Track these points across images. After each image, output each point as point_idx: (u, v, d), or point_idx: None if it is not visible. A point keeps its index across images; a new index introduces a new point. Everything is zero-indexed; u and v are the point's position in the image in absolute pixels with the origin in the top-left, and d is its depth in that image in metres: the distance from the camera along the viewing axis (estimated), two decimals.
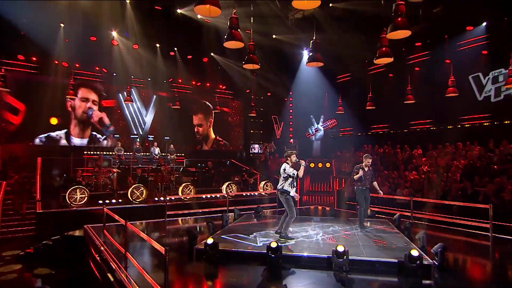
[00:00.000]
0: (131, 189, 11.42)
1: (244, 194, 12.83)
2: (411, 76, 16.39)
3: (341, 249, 5.65)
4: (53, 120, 15.76)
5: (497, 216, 8.35)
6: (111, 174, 13.26)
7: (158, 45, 15.79)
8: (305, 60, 18.35)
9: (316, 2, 6.64)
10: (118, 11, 13.40)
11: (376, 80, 16.95)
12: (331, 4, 13.02)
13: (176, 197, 11.63)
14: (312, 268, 5.84)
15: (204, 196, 11.89)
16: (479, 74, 14.86)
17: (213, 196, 12.16)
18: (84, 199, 10.64)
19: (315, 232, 7.68)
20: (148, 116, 18.19)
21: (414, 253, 5.37)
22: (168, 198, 10.33)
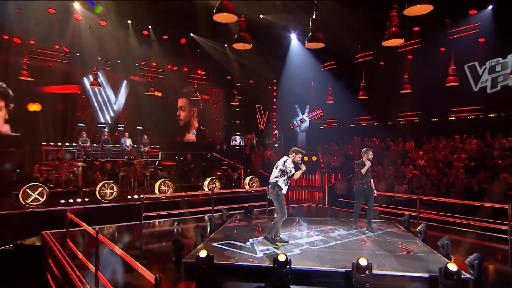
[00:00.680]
0: (100, 186, 10.16)
1: (230, 191, 11.85)
2: (402, 65, 15.95)
3: (364, 263, 4.84)
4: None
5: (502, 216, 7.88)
6: (75, 169, 11.90)
7: (130, 22, 14.30)
8: (293, 45, 17.74)
9: None
10: None
11: (364, 69, 16.31)
12: None
13: (155, 196, 10.48)
14: (325, 285, 5.02)
15: (185, 194, 10.80)
16: (475, 63, 14.48)
17: (193, 194, 11.09)
18: (42, 199, 9.27)
19: (320, 239, 6.85)
20: (118, 103, 16.71)
21: (452, 268, 4.62)
22: (144, 197, 9.20)
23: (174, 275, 5.34)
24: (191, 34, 15.09)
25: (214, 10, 7.07)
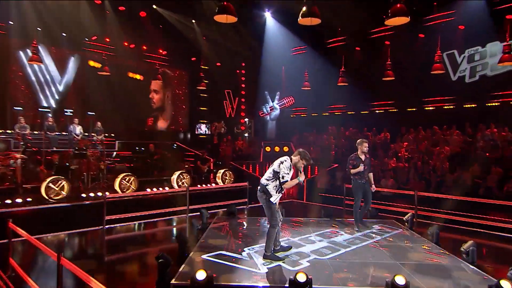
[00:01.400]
0: (47, 183, 8.61)
1: (207, 188, 10.76)
2: (379, 51, 15.62)
3: (402, 282, 4.11)
4: None
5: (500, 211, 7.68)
6: (13, 162, 10.10)
7: None
8: (269, 25, 16.77)
9: None
10: None
11: (341, 55, 15.76)
12: None
13: (121, 195, 9.12)
14: None
15: (159, 192, 9.56)
16: (454, 52, 14.43)
17: (168, 192, 9.88)
18: None
19: (325, 245, 6.07)
20: (65, 84, 14.72)
21: (506, 286, 4.01)
22: (107, 195, 7.86)
23: None
24: (154, 6, 13.51)
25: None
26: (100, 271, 5.36)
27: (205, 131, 17.33)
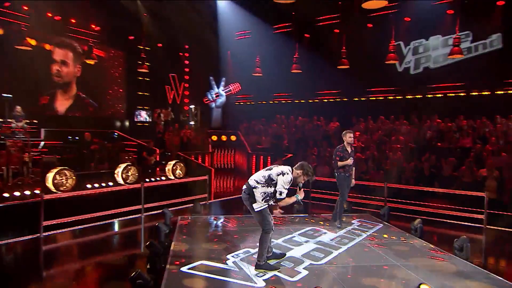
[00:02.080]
0: None
1: (161, 181, 9.61)
2: (327, 40, 15.55)
3: None
4: None
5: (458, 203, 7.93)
6: None
7: None
8: (220, 6, 15.68)
9: None
10: None
11: (294, 40, 15.38)
12: None
13: (59, 195, 7.59)
14: None
15: (110, 190, 8.22)
16: (400, 43, 14.83)
17: (104, 189, 8.59)
18: None
19: (314, 247, 5.55)
20: None
21: None
22: (41, 194, 6.46)
23: None
24: None
25: None
26: None
27: (146, 119, 15.81)
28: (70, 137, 11.24)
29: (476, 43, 13.10)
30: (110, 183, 9.32)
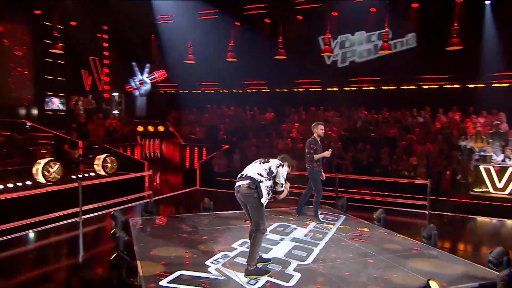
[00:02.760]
0: None
1: (103, 179, 8.30)
2: (257, 29, 15.30)
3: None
4: None
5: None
6: None
7: None
8: None
9: None
10: None
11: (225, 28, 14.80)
12: None
13: None
14: None
15: (46, 191, 6.76)
16: (329, 37, 15.24)
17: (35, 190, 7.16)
18: None
19: (292, 245, 5.26)
20: None
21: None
22: None
23: None
24: None
25: None
26: None
27: (59, 107, 13.76)
28: None
29: (395, 41, 14.03)
30: (28, 182, 7.88)
